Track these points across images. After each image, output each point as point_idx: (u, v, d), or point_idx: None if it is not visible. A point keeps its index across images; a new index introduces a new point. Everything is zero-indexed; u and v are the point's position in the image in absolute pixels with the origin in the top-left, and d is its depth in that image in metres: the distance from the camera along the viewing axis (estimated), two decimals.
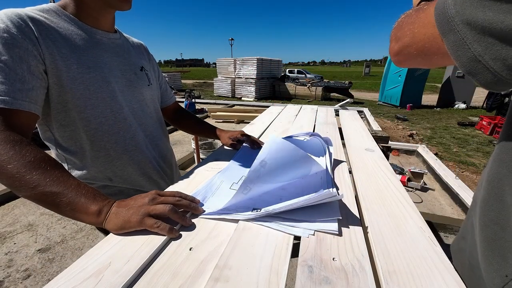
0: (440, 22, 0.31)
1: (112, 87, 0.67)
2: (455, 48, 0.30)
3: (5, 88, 0.49)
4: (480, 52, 0.27)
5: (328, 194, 0.49)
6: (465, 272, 0.44)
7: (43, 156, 0.49)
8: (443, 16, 0.31)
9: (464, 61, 0.29)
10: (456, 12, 0.29)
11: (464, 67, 0.29)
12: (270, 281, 0.37)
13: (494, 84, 0.28)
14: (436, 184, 2.92)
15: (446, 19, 0.30)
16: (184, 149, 3.97)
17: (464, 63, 0.29)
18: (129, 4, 0.66)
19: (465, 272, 0.44)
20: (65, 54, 0.58)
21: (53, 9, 0.61)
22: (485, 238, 0.37)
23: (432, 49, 0.34)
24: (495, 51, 0.26)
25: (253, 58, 9.95)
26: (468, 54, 0.28)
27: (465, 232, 0.47)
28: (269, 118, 1.57)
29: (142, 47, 0.87)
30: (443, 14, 0.30)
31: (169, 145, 0.94)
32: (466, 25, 0.28)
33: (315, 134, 0.93)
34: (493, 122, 4.97)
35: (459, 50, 0.29)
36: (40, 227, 2.08)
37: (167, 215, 0.47)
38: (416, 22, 0.37)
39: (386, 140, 1.30)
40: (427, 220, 0.66)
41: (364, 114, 2.30)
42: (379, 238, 0.47)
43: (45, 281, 1.57)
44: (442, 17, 0.31)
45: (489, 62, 0.27)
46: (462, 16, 0.28)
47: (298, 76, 16.73)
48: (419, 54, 0.37)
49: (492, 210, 0.37)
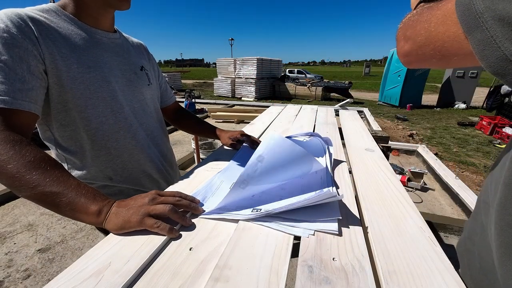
0: (465, 18, 0.29)
1: (113, 87, 0.67)
2: (482, 47, 0.27)
3: (5, 88, 0.49)
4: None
5: (328, 194, 0.49)
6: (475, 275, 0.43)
7: (43, 156, 0.49)
8: (468, 12, 0.28)
9: (492, 61, 0.27)
10: (485, 7, 0.26)
11: (492, 68, 0.27)
12: (270, 281, 0.37)
13: None
14: (436, 184, 2.92)
15: (472, 15, 0.28)
16: (184, 149, 3.97)
17: (491, 63, 0.27)
18: (128, 3, 0.66)
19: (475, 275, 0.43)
20: (65, 54, 0.58)
21: (53, 9, 0.61)
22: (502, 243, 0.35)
23: (452, 49, 0.32)
24: None
25: (253, 58, 9.95)
26: (497, 53, 0.26)
27: (473, 234, 0.46)
28: (269, 118, 1.57)
29: (142, 46, 0.87)
30: (469, 10, 0.28)
31: (169, 145, 0.94)
32: (498, 21, 0.25)
33: (315, 134, 0.93)
34: (493, 122, 4.97)
35: (486, 49, 0.27)
36: (40, 227, 2.08)
37: (167, 215, 0.47)
38: (432, 20, 0.34)
39: (386, 140, 1.30)
40: (427, 220, 0.66)
41: (364, 114, 2.30)
42: (379, 238, 0.47)
43: (45, 281, 1.57)
44: (467, 13, 0.28)
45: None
46: (493, 12, 0.26)
47: (298, 76, 16.73)
48: (435, 55, 0.35)
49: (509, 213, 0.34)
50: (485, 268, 0.40)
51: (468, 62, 0.32)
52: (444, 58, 0.35)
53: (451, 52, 0.33)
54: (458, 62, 0.34)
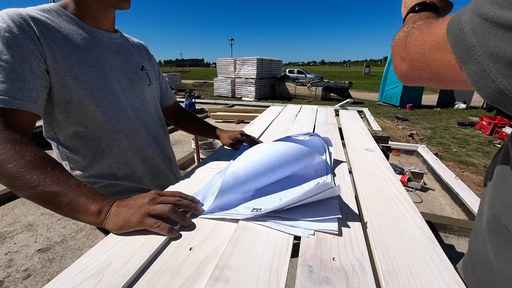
0: (458, 50, 0.28)
1: (114, 86, 0.68)
2: (477, 79, 0.27)
3: (5, 87, 0.49)
4: (506, 86, 0.25)
5: (325, 185, 0.49)
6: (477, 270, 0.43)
7: (43, 156, 0.49)
8: (461, 44, 0.28)
9: (488, 92, 0.27)
10: (477, 41, 0.26)
11: (489, 98, 0.27)
12: (270, 281, 0.37)
13: None
14: (436, 184, 2.92)
15: (465, 48, 0.27)
16: (184, 149, 3.97)
17: (488, 95, 0.27)
18: (129, 2, 0.66)
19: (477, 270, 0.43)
20: (66, 53, 0.59)
21: (54, 9, 0.61)
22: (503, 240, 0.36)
23: (449, 76, 0.32)
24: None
25: (253, 58, 9.94)
26: (493, 87, 0.26)
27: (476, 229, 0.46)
28: (269, 118, 1.57)
29: (142, 47, 0.88)
30: (462, 41, 0.28)
31: (170, 145, 0.94)
32: (490, 56, 0.25)
33: (314, 134, 0.93)
34: (493, 122, 4.97)
35: (481, 81, 0.27)
36: (40, 227, 2.08)
37: (167, 215, 0.47)
38: (425, 45, 0.34)
39: (386, 140, 1.30)
40: (427, 220, 0.66)
41: (364, 114, 2.30)
42: (379, 238, 0.47)
43: (45, 281, 1.57)
44: (460, 44, 0.28)
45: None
46: (485, 47, 0.25)
47: (298, 76, 16.73)
48: (433, 79, 0.35)
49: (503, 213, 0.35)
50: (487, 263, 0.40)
51: (466, 87, 0.31)
52: (441, 82, 0.35)
53: (448, 79, 0.33)
54: (456, 86, 0.33)
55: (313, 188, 0.49)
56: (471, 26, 0.27)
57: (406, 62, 0.39)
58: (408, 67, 0.39)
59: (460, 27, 0.28)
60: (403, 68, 0.40)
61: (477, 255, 0.44)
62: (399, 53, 0.41)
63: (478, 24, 0.26)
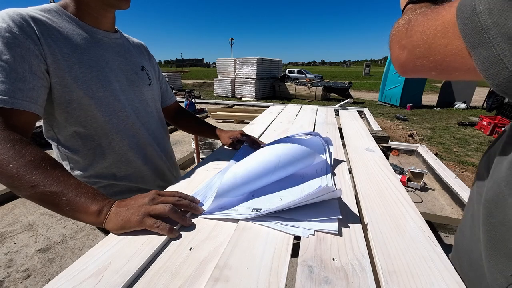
0: (469, 32, 0.26)
1: (114, 86, 0.68)
2: (488, 65, 0.25)
3: (5, 87, 0.49)
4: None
5: (326, 189, 0.49)
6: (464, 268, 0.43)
7: (43, 156, 0.49)
8: (473, 26, 0.26)
9: (499, 80, 0.25)
10: (493, 22, 0.24)
11: (499, 87, 0.25)
12: (270, 281, 0.37)
13: None
14: (436, 184, 2.92)
15: (477, 30, 0.25)
16: (184, 149, 3.97)
17: (498, 83, 0.25)
18: (128, 2, 0.66)
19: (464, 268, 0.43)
20: (66, 53, 0.59)
21: (54, 9, 0.61)
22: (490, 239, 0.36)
23: (455, 63, 0.30)
24: None
25: (253, 58, 9.94)
26: (505, 74, 0.24)
27: (464, 227, 0.46)
28: (269, 118, 1.57)
29: (143, 47, 0.88)
30: (473, 23, 0.26)
31: (170, 145, 0.94)
32: (507, 39, 0.23)
33: (315, 134, 0.93)
34: (493, 122, 4.97)
35: (492, 67, 0.25)
36: (40, 227, 2.08)
37: (167, 215, 0.47)
38: (430, 30, 0.32)
39: (386, 140, 1.30)
40: (427, 220, 0.66)
41: (364, 114, 2.30)
42: (379, 238, 0.47)
43: (45, 281, 1.57)
44: (471, 26, 0.26)
45: None
46: (502, 28, 0.23)
47: (298, 76, 16.74)
48: (435, 68, 0.33)
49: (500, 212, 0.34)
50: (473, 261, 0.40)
51: (471, 76, 0.29)
52: (444, 72, 0.32)
53: (452, 67, 0.31)
54: (460, 76, 0.31)
55: (314, 191, 0.49)
56: (486, 5, 0.25)
57: (407, 50, 0.36)
58: (408, 56, 0.36)
59: (473, 7, 0.26)
60: (402, 57, 0.38)
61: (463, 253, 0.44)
62: (399, 41, 0.38)
63: (495, 2, 0.24)
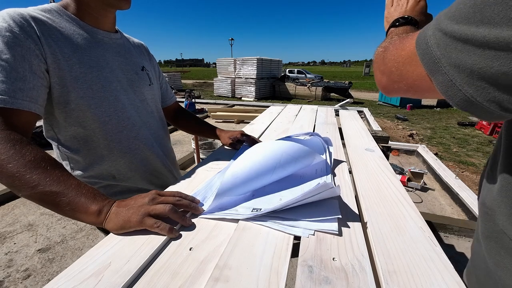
0: (426, 62, 0.30)
1: (115, 87, 0.68)
2: (445, 89, 0.29)
3: (6, 87, 0.49)
4: (472, 94, 0.26)
5: (325, 186, 0.49)
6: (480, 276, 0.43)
7: (43, 156, 0.49)
8: (428, 57, 0.30)
9: (457, 100, 0.28)
10: (441, 54, 0.28)
11: (459, 106, 0.29)
12: (270, 281, 0.37)
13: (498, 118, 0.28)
14: (436, 184, 2.92)
15: (432, 60, 0.29)
16: (184, 149, 3.97)
17: (457, 103, 0.28)
18: (128, 2, 0.66)
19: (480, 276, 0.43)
20: (67, 53, 0.59)
21: (54, 9, 0.61)
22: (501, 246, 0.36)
23: (424, 86, 0.33)
24: (488, 94, 0.25)
25: (253, 58, 9.94)
26: (460, 95, 0.27)
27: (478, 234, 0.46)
28: (269, 118, 1.57)
29: (143, 47, 0.88)
30: (428, 54, 0.30)
31: (171, 145, 0.94)
32: (454, 67, 0.27)
33: (315, 134, 0.93)
34: (493, 122, 4.97)
35: (449, 90, 0.28)
36: (40, 227, 2.08)
37: (167, 215, 0.47)
38: (399, 58, 0.36)
39: (386, 140, 1.30)
40: (427, 220, 0.66)
41: (364, 114, 2.30)
42: (379, 238, 0.47)
43: (45, 281, 1.57)
44: (427, 57, 0.30)
45: (484, 103, 0.26)
46: (448, 59, 0.27)
47: (298, 76, 16.73)
48: (410, 90, 0.37)
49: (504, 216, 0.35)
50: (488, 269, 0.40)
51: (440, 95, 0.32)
52: (418, 92, 0.37)
53: (422, 89, 0.34)
54: (432, 95, 0.35)
55: (313, 188, 0.49)
56: (434, 40, 0.29)
57: (385, 75, 0.41)
58: (387, 80, 0.41)
59: (426, 41, 0.30)
60: (383, 81, 0.42)
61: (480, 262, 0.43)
62: (379, 67, 0.43)
63: (440, 39, 0.28)
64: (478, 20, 0.24)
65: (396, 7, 0.57)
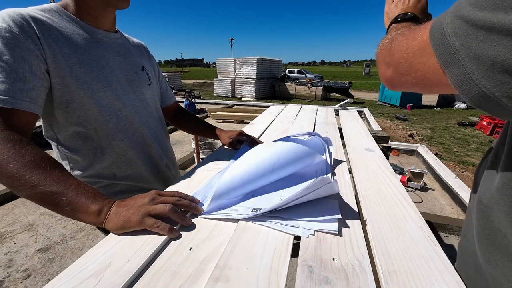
0: (441, 53, 0.28)
1: (115, 86, 0.68)
2: (460, 82, 0.27)
3: (5, 87, 0.49)
4: (490, 88, 0.24)
5: (323, 181, 0.49)
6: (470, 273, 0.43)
7: (43, 156, 0.49)
8: (443, 47, 0.28)
9: (471, 96, 0.27)
10: (460, 44, 0.26)
11: (472, 102, 0.27)
12: (270, 281, 0.37)
13: None
14: (436, 184, 2.92)
15: (448, 51, 0.27)
16: (184, 149, 3.97)
17: (471, 98, 0.27)
18: (127, 2, 0.66)
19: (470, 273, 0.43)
20: (67, 53, 0.59)
21: (54, 9, 0.61)
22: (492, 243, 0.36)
23: (434, 80, 0.32)
24: (508, 90, 0.23)
25: (253, 58, 9.94)
26: (475, 90, 0.26)
27: (467, 231, 0.46)
28: (269, 118, 1.57)
29: (143, 47, 0.88)
30: (444, 44, 0.28)
31: (170, 145, 0.94)
32: (473, 59, 0.25)
33: (315, 134, 0.93)
34: (493, 122, 4.97)
35: (464, 84, 0.26)
36: (40, 227, 2.08)
37: (167, 215, 0.47)
38: (409, 49, 0.34)
39: (386, 140, 1.30)
40: (427, 220, 0.66)
41: (364, 114, 2.30)
42: (379, 238, 0.47)
43: (45, 281, 1.57)
44: (442, 47, 0.28)
45: (502, 99, 0.24)
46: (467, 50, 0.25)
47: (298, 76, 16.74)
48: (418, 83, 0.35)
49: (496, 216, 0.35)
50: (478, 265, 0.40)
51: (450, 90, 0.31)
52: (426, 87, 0.35)
53: (432, 82, 0.33)
54: (440, 90, 0.33)
55: (311, 184, 0.49)
56: (452, 29, 0.27)
57: (391, 68, 0.39)
58: (393, 73, 0.39)
59: (442, 30, 0.28)
60: (388, 73, 0.41)
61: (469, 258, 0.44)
62: (384, 59, 0.41)
63: (459, 27, 0.26)
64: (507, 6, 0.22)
65: (398, 3, 0.55)
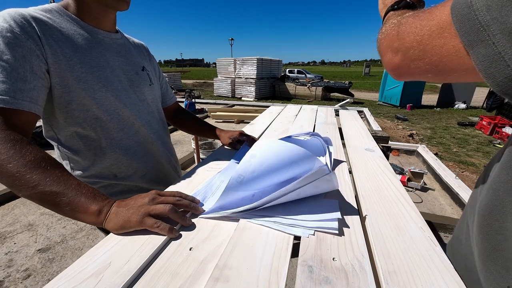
0: (466, 30, 0.25)
1: (115, 87, 0.68)
2: (488, 64, 0.24)
3: (6, 87, 0.49)
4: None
5: (321, 171, 0.49)
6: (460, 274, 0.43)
7: (43, 156, 0.49)
8: (470, 24, 0.25)
9: (499, 80, 0.23)
10: (492, 18, 0.23)
11: (499, 87, 0.24)
12: (270, 281, 0.37)
13: None
14: (436, 184, 2.92)
15: (475, 27, 0.24)
16: (184, 149, 3.97)
17: (499, 82, 0.24)
18: (127, 4, 0.66)
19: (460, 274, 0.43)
20: (68, 54, 0.59)
21: (55, 9, 0.61)
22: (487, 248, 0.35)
23: (452, 64, 0.28)
24: None
25: (253, 58, 9.94)
26: (507, 72, 0.23)
27: (460, 233, 0.46)
28: (269, 118, 1.57)
29: (143, 47, 0.88)
30: (471, 20, 0.24)
31: (171, 145, 0.94)
32: (508, 35, 0.22)
33: (315, 134, 0.93)
34: (493, 122, 4.97)
35: (492, 66, 0.24)
36: (40, 227, 2.08)
37: (167, 215, 0.47)
38: (424, 30, 0.31)
39: (386, 140, 1.30)
40: (427, 220, 0.66)
41: (364, 114, 2.30)
42: (379, 238, 0.47)
43: (45, 281, 1.57)
44: (468, 24, 0.25)
45: None
46: (502, 24, 0.22)
47: (298, 76, 16.74)
48: (431, 70, 0.31)
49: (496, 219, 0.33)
50: (469, 268, 0.40)
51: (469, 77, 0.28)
52: (441, 73, 0.31)
53: (450, 68, 0.29)
54: (458, 77, 0.30)
55: (309, 174, 0.49)
56: (484, 1, 0.23)
57: (400, 53, 0.35)
58: (402, 59, 0.35)
59: (469, 4, 0.25)
60: (395, 60, 0.37)
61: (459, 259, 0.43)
62: (391, 44, 0.37)
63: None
64: None
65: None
